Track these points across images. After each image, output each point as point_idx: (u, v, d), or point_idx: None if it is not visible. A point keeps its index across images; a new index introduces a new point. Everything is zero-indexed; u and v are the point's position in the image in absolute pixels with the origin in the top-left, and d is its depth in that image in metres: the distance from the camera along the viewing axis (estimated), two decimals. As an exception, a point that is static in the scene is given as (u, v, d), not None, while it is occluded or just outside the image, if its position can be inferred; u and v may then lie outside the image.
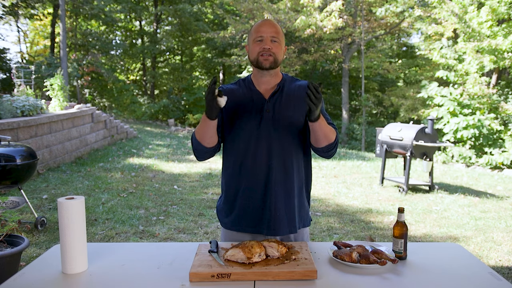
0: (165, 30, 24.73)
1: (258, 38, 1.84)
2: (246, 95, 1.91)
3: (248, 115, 1.88)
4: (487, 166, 11.35)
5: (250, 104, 1.89)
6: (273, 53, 1.84)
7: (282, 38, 1.87)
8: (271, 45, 1.83)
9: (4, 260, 2.91)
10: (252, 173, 1.88)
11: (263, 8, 16.37)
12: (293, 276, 1.54)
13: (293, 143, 1.89)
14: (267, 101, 1.88)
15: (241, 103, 1.89)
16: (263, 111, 1.87)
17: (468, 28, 12.06)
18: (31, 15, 21.17)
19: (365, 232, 4.73)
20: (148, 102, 22.65)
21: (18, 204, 4.38)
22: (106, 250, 1.86)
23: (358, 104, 21.92)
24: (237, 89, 1.94)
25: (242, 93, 1.92)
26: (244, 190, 1.91)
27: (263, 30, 1.84)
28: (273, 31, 1.84)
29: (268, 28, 1.84)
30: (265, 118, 1.86)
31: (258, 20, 1.94)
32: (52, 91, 9.08)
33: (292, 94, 1.90)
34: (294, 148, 1.90)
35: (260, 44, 1.84)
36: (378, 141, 7.36)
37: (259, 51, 1.84)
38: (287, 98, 1.89)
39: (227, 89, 1.94)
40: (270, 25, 1.85)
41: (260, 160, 1.87)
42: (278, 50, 1.85)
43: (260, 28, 1.84)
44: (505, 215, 5.63)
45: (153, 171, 8.02)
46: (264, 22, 1.86)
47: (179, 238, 4.38)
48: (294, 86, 1.93)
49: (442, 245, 2.11)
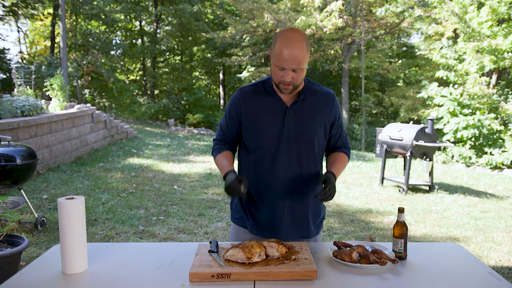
0: (165, 30, 24.73)
1: (280, 65, 1.73)
2: (268, 101, 1.89)
3: (270, 121, 1.87)
4: (487, 166, 11.34)
5: (271, 111, 1.87)
6: (293, 83, 1.78)
7: (305, 62, 1.75)
8: (292, 77, 1.75)
9: (4, 260, 2.91)
10: (270, 179, 1.90)
11: (263, 8, 16.37)
12: (293, 276, 1.54)
13: (312, 152, 1.91)
14: (289, 109, 1.86)
15: (263, 109, 1.88)
16: (285, 118, 1.86)
17: (468, 28, 12.06)
18: (31, 15, 21.18)
19: (365, 232, 4.73)
20: (148, 102, 22.66)
21: (18, 204, 4.38)
22: (106, 250, 1.86)
23: (358, 104, 21.93)
24: (259, 93, 1.91)
25: (264, 99, 1.89)
26: (261, 195, 1.93)
27: (286, 61, 1.71)
28: (296, 63, 1.71)
29: (291, 60, 1.70)
30: (286, 126, 1.86)
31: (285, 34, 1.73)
32: (52, 91, 9.09)
33: (313, 106, 1.89)
34: (312, 157, 1.92)
35: (282, 73, 1.75)
36: (378, 141, 7.36)
37: (280, 80, 1.77)
38: (308, 109, 1.88)
39: (249, 92, 1.92)
40: (294, 57, 1.70)
41: (279, 168, 1.88)
42: (300, 77, 1.77)
43: (284, 57, 1.71)
44: (505, 215, 5.62)
45: (153, 171, 8.02)
46: (288, 51, 1.69)
47: (179, 238, 4.38)
48: (315, 97, 1.90)
49: (442, 245, 2.11)
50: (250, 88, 1.94)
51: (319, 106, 1.89)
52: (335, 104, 1.95)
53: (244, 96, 1.91)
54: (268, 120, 1.87)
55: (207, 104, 22.60)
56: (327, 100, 1.92)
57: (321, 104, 1.90)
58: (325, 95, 1.93)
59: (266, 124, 1.87)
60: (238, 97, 1.92)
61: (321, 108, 1.90)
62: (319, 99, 1.91)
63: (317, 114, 1.88)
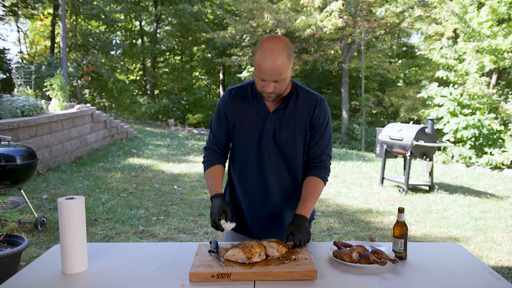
0: (165, 30, 24.73)
1: (261, 77, 1.71)
2: (253, 106, 1.89)
3: (252, 126, 1.88)
4: (487, 166, 11.35)
5: (255, 116, 1.88)
6: (276, 93, 1.76)
7: (287, 71, 1.71)
8: (274, 87, 1.72)
9: (4, 260, 2.91)
10: (252, 183, 1.93)
11: (263, 8, 16.38)
12: (293, 276, 1.54)
13: (292, 158, 1.91)
14: (270, 115, 1.86)
15: (247, 114, 1.89)
16: (265, 124, 1.86)
17: (468, 28, 12.06)
18: (31, 15, 21.18)
19: (365, 232, 4.72)
20: (148, 102, 22.66)
21: (18, 204, 4.38)
22: (106, 250, 1.86)
23: (358, 104, 21.92)
24: (245, 97, 1.91)
25: (249, 103, 1.89)
26: (244, 198, 1.97)
27: (266, 74, 1.68)
28: (276, 75, 1.68)
29: (271, 72, 1.67)
30: (266, 132, 1.86)
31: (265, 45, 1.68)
32: (52, 91, 9.08)
33: (295, 112, 1.86)
34: (293, 162, 1.92)
35: (263, 83, 1.73)
36: (378, 141, 7.36)
37: (262, 90, 1.76)
38: (289, 116, 1.86)
39: (236, 95, 1.91)
40: (274, 69, 1.66)
41: (259, 172, 1.90)
42: (282, 86, 1.75)
43: (263, 70, 1.68)
44: (505, 215, 5.62)
45: (153, 171, 8.02)
46: (268, 64, 1.66)
47: (179, 238, 4.38)
48: (298, 103, 1.87)
49: (442, 245, 2.11)
50: (238, 90, 1.92)
51: (300, 113, 1.86)
52: (317, 111, 1.86)
53: (231, 98, 1.91)
54: (250, 125, 1.87)
55: (207, 104, 22.61)
56: (310, 106, 1.86)
57: (302, 111, 1.86)
58: (309, 101, 1.87)
59: (248, 129, 1.88)
60: (226, 99, 1.92)
61: (302, 114, 1.86)
62: (302, 105, 1.87)
63: (296, 121, 1.86)
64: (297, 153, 1.90)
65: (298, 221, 1.79)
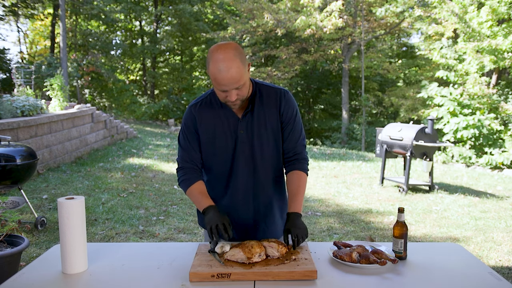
0: (165, 30, 24.73)
1: (220, 89, 1.67)
2: (220, 114, 1.84)
3: (224, 135, 1.84)
4: (487, 166, 11.34)
5: (225, 124, 1.84)
6: (240, 99, 1.72)
7: (245, 75, 1.67)
8: (237, 94, 1.69)
9: (4, 260, 2.91)
10: (234, 190, 1.90)
11: (263, 8, 16.38)
12: (293, 276, 1.54)
13: (270, 158, 1.89)
14: (240, 121, 1.83)
15: (216, 124, 1.85)
16: (237, 131, 1.84)
17: (468, 28, 12.06)
18: (31, 15, 21.18)
19: (365, 232, 4.72)
20: (148, 102, 22.67)
21: (18, 204, 4.38)
22: (106, 250, 1.86)
23: (358, 104, 21.92)
24: (209, 108, 1.85)
25: (215, 112, 1.84)
26: (226, 206, 1.92)
27: (225, 85, 1.64)
28: (235, 83, 1.64)
29: (229, 82, 1.63)
30: (240, 139, 1.84)
31: (215, 56, 1.63)
32: (52, 91, 9.09)
33: (263, 112, 1.84)
34: (272, 162, 1.90)
35: (225, 94, 1.69)
36: (378, 141, 7.36)
37: (225, 100, 1.72)
38: (258, 118, 1.84)
39: (200, 107, 1.86)
40: (231, 78, 1.62)
41: (240, 178, 1.88)
42: (245, 90, 1.71)
43: (221, 82, 1.63)
44: (505, 215, 5.62)
45: (153, 171, 8.02)
46: (223, 75, 1.62)
47: (179, 238, 4.38)
48: (263, 102, 1.85)
49: (442, 245, 2.11)
50: (202, 102, 1.88)
51: (267, 111, 1.85)
52: (284, 103, 1.85)
53: (198, 112, 1.86)
54: (221, 135, 1.84)
55: (207, 104, 22.59)
56: (275, 101, 1.85)
57: (269, 108, 1.85)
58: (274, 96, 1.85)
59: (220, 139, 1.84)
60: (192, 114, 1.86)
61: (270, 111, 1.85)
62: (267, 103, 1.85)
63: (267, 120, 1.85)
64: (274, 151, 1.89)
65: (292, 218, 1.79)
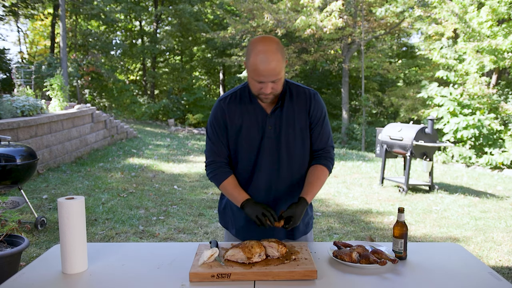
0: (165, 30, 24.73)
1: (258, 80, 1.71)
2: (249, 109, 1.87)
3: (251, 130, 1.86)
4: (487, 166, 11.35)
5: (253, 119, 1.86)
6: (273, 93, 1.76)
7: (283, 70, 1.72)
8: (272, 88, 1.73)
9: (4, 260, 2.91)
10: (256, 186, 1.90)
11: (263, 8, 16.37)
12: (293, 276, 1.54)
13: (296, 157, 1.90)
14: (269, 117, 1.85)
15: (244, 119, 1.86)
16: (265, 127, 1.85)
17: (468, 28, 12.06)
18: (31, 15, 21.18)
19: (365, 232, 4.72)
20: (148, 102, 22.66)
21: (18, 204, 4.38)
22: (106, 250, 1.86)
23: (358, 104, 21.92)
24: (238, 102, 1.88)
25: (244, 107, 1.87)
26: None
27: (263, 76, 1.68)
28: (273, 75, 1.69)
29: (268, 74, 1.68)
30: (267, 134, 1.85)
31: (258, 47, 1.68)
32: (52, 91, 9.08)
33: (292, 110, 1.87)
34: (298, 161, 1.91)
35: (260, 85, 1.72)
36: (378, 141, 7.36)
37: (259, 92, 1.76)
38: (287, 115, 1.86)
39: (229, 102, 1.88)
40: (271, 70, 1.67)
41: (263, 175, 1.88)
42: (279, 85, 1.76)
43: (260, 72, 1.68)
44: (505, 215, 5.62)
45: (153, 171, 8.02)
46: (264, 66, 1.66)
47: (179, 238, 4.38)
48: (293, 100, 1.87)
49: (442, 245, 2.11)
50: (231, 97, 1.89)
51: (297, 110, 1.87)
52: (313, 104, 1.88)
53: (228, 106, 1.87)
54: (249, 129, 1.85)
55: (207, 104, 22.61)
56: (304, 101, 1.87)
57: (299, 107, 1.87)
58: (303, 96, 1.88)
59: (247, 133, 1.85)
60: (222, 108, 1.88)
61: (299, 111, 1.87)
62: (297, 102, 1.87)
63: (296, 118, 1.86)
64: (301, 150, 1.89)
65: (297, 203, 1.79)
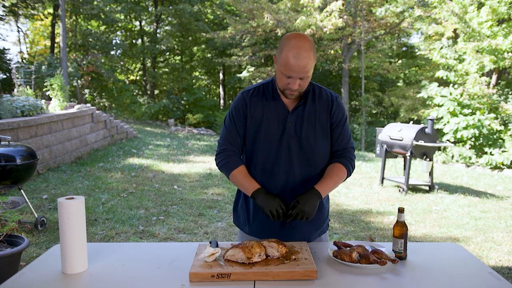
0: (165, 30, 24.73)
1: (287, 74, 1.72)
2: (271, 105, 1.88)
3: (271, 125, 1.86)
4: (487, 166, 11.34)
5: (274, 114, 1.87)
6: (300, 90, 1.79)
7: (312, 69, 1.74)
8: (299, 85, 1.75)
9: (4, 260, 2.91)
10: (273, 182, 1.89)
11: (263, 8, 16.37)
12: (293, 276, 1.54)
13: (315, 155, 1.90)
14: (290, 114, 1.86)
15: (265, 113, 1.87)
16: (286, 123, 1.85)
17: (468, 28, 12.06)
18: (31, 15, 21.18)
19: (365, 232, 4.72)
20: (148, 102, 22.66)
21: (18, 204, 4.38)
22: (106, 250, 1.86)
23: (358, 104, 21.92)
24: (261, 97, 1.89)
25: (267, 103, 1.88)
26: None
27: (294, 71, 1.70)
28: (303, 72, 1.71)
29: (299, 70, 1.70)
30: (287, 131, 1.85)
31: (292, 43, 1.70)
32: (52, 91, 9.08)
33: (314, 110, 1.88)
34: (316, 159, 1.90)
35: (288, 81, 1.74)
36: (378, 141, 7.35)
37: (286, 88, 1.77)
38: (309, 113, 1.87)
39: (252, 95, 1.89)
40: (302, 67, 1.69)
41: (280, 172, 1.88)
42: (306, 83, 1.78)
43: (291, 67, 1.69)
44: (505, 215, 5.62)
45: (153, 171, 8.02)
46: (296, 61, 1.68)
47: (179, 238, 4.38)
48: (316, 101, 1.89)
49: (442, 245, 2.11)
50: (255, 90, 1.91)
51: (319, 110, 1.88)
52: (335, 107, 1.91)
53: (250, 99, 1.89)
54: (269, 124, 1.86)
55: (207, 104, 22.62)
56: (327, 103, 1.90)
57: (321, 108, 1.89)
58: (326, 97, 1.91)
59: (267, 128, 1.86)
60: (244, 100, 1.89)
61: (321, 112, 1.89)
62: (320, 103, 1.89)
63: (317, 118, 1.87)
64: (319, 149, 1.89)
65: (310, 194, 1.79)
